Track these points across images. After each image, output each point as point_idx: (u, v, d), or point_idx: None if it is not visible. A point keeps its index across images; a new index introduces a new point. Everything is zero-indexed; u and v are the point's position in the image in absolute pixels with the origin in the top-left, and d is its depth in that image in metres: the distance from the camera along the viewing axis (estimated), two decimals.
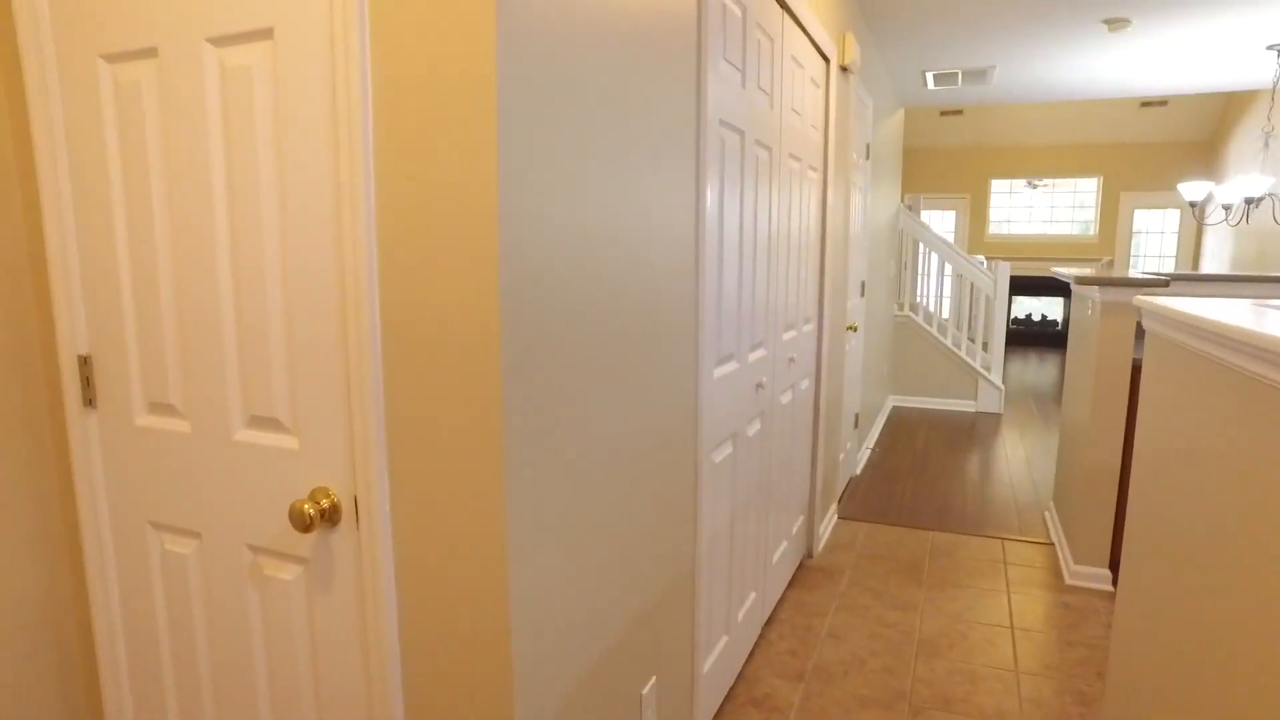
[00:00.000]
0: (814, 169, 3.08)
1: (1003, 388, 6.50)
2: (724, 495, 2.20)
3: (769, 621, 2.92)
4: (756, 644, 2.76)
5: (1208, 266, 9.78)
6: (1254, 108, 8.53)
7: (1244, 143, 8.82)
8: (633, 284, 1.52)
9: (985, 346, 6.65)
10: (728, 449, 2.20)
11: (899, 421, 6.20)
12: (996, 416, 6.41)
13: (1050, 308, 11.25)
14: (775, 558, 2.90)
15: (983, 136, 10.70)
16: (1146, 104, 9.68)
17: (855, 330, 3.88)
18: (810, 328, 3.17)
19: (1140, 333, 3.12)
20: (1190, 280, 3.49)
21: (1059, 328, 11.08)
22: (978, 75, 5.41)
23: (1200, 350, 1.44)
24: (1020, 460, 5.14)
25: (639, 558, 1.65)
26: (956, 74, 5.42)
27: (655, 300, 1.64)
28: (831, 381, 3.69)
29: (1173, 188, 10.28)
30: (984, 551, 3.61)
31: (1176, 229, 10.44)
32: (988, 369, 6.54)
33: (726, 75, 1.99)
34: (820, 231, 3.26)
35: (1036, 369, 9.12)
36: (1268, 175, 4.40)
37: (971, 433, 5.88)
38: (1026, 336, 11.18)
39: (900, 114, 6.69)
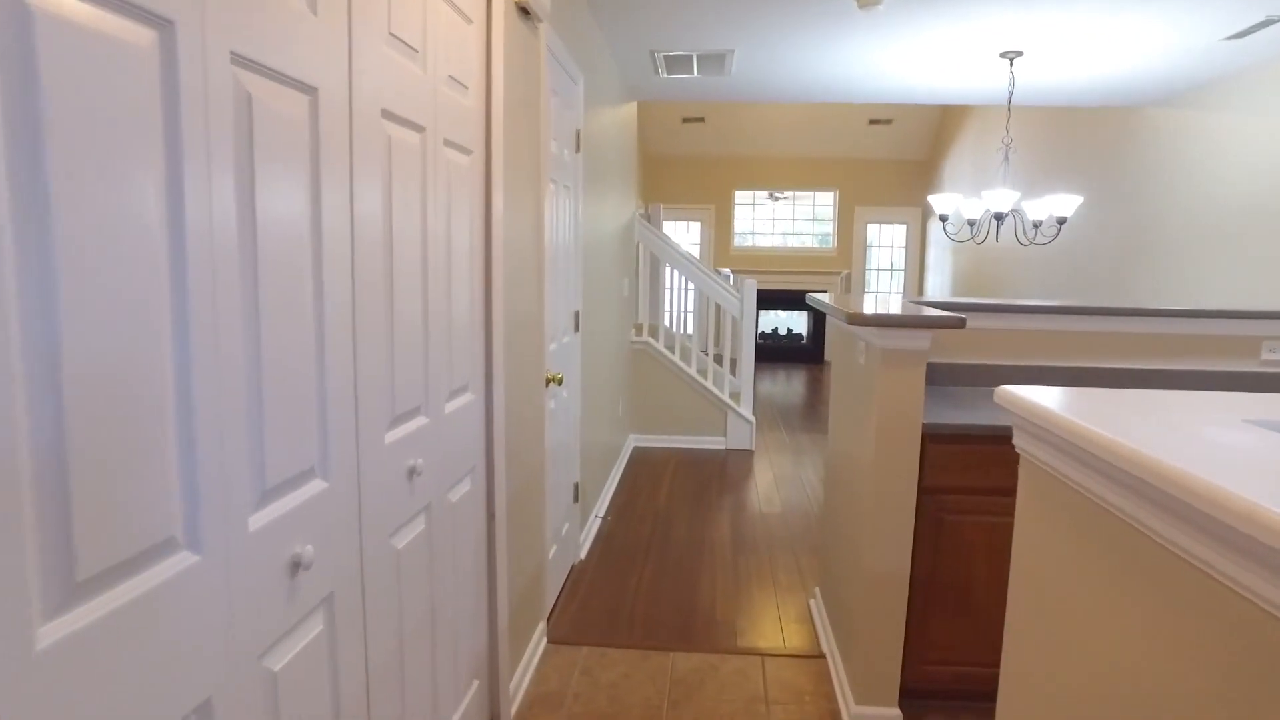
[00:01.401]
0: (464, 151, 1.90)
1: (754, 420, 5.80)
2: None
3: None
4: None
5: (932, 281, 10.07)
6: (964, 128, 8.77)
7: (956, 161, 9.07)
8: None
9: (734, 368, 5.94)
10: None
11: (641, 468, 5.26)
12: (748, 455, 5.69)
13: (796, 322, 11.15)
14: None
15: (726, 146, 10.31)
16: (874, 121, 9.76)
17: (560, 383, 2.78)
18: (466, 402, 1.97)
19: (938, 376, 2.34)
20: (987, 311, 2.77)
21: (804, 341, 10.99)
22: (715, 61, 4.59)
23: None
24: (776, 515, 4.36)
25: None
26: (691, 58, 4.56)
27: None
28: (520, 466, 2.53)
29: (900, 203, 10.53)
30: (740, 682, 2.64)
31: (904, 243, 10.72)
32: (737, 399, 5.82)
33: None
34: (485, 252, 2.08)
35: (785, 387, 8.76)
36: (1014, 190, 4.04)
37: (722, 478, 5.07)
38: (773, 352, 10.97)
39: (632, 109, 5.79)
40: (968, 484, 2.30)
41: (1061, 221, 4.19)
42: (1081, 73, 4.59)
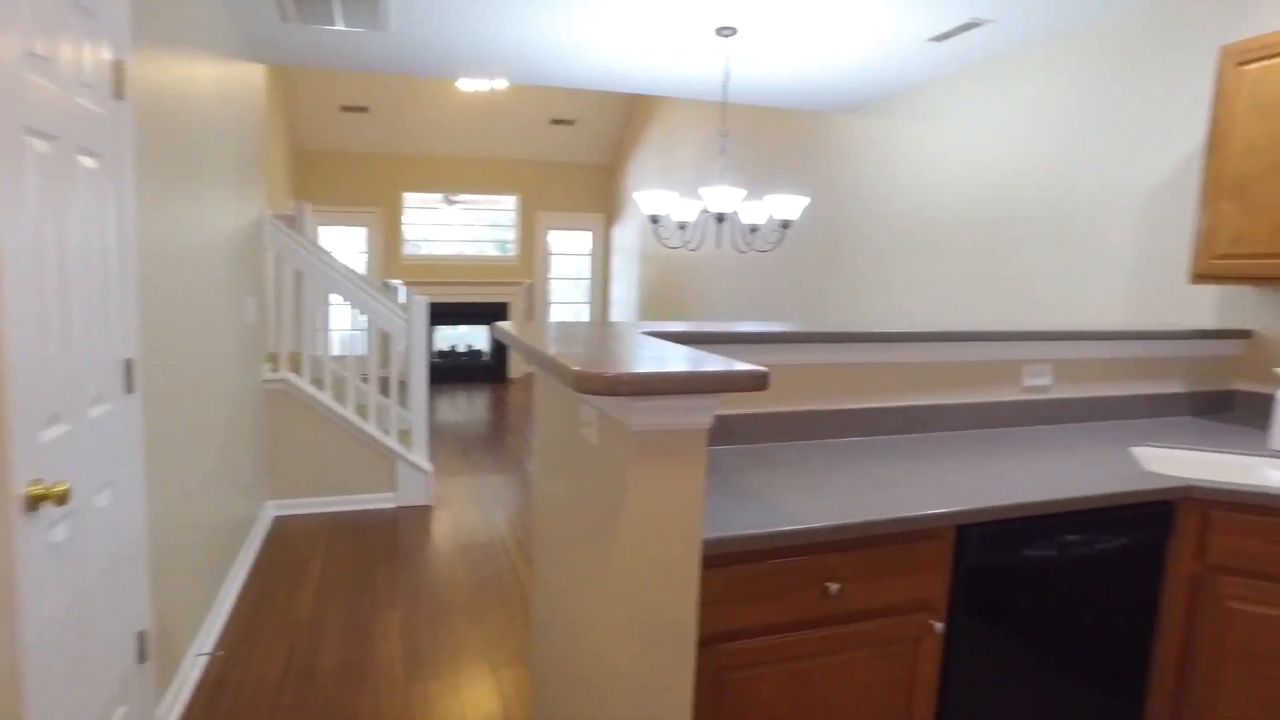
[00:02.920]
0: None
1: (430, 468, 4.70)
2: None
3: None
4: None
5: (618, 292, 9.72)
6: (650, 129, 8.51)
7: (641, 164, 8.78)
8: None
9: (404, 397, 4.79)
10: None
11: (280, 550, 3.90)
12: (425, 512, 4.58)
13: (477, 337, 10.15)
14: None
15: (394, 141, 9.00)
16: (557, 121, 9.14)
17: (62, 500, 1.50)
18: None
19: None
20: (752, 342, 2.02)
21: (486, 359, 10.03)
22: (366, 4, 3.44)
23: None
24: (465, 604, 3.33)
25: None
26: None
27: None
28: None
29: (583, 209, 10.06)
30: None
31: (589, 251, 10.27)
32: (408, 441, 4.68)
33: None
34: None
35: (467, 413, 7.72)
36: (736, 188, 3.53)
37: (393, 552, 3.91)
38: (453, 372, 9.85)
39: (258, 76, 4.38)
40: (766, 620, 1.52)
41: (785, 225, 3.73)
42: (793, 63, 4.23)
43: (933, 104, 4.33)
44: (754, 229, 4.06)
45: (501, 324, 1.97)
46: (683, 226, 4.01)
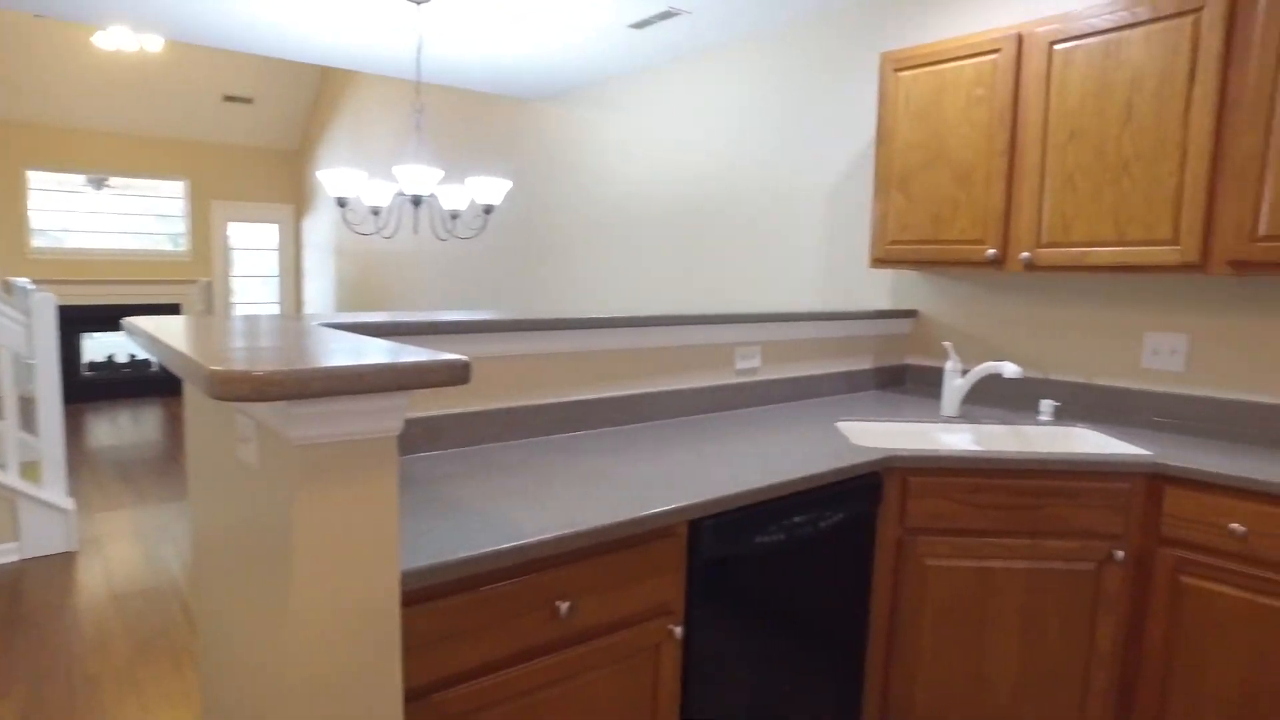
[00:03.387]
0: None
1: (72, 505, 3.80)
2: None
3: None
4: None
5: (312, 288, 8.83)
6: (338, 115, 7.79)
7: (335, 151, 8.04)
8: None
9: (29, 420, 3.81)
10: None
11: None
12: (67, 561, 3.67)
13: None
14: None
15: (9, 106, 7.28)
16: (231, 98, 8.03)
17: None
18: None
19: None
20: (437, 333, 1.75)
21: (154, 368, 8.56)
22: None
23: None
24: (116, 673, 2.67)
25: None
26: None
27: None
28: None
29: (269, 199, 8.98)
30: None
31: (277, 246, 9.20)
32: (37, 479, 3.73)
33: None
34: None
35: (132, 434, 6.49)
36: (434, 168, 3.19)
37: (10, 620, 3.05)
38: (110, 386, 8.27)
39: None
40: (489, 656, 1.28)
41: (488, 211, 3.49)
42: (490, 42, 3.98)
43: (639, 94, 4.36)
44: (455, 215, 3.78)
45: (133, 319, 1.52)
46: (376, 212, 3.61)
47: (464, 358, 1.04)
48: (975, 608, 2.02)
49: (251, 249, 9.06)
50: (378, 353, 1.05)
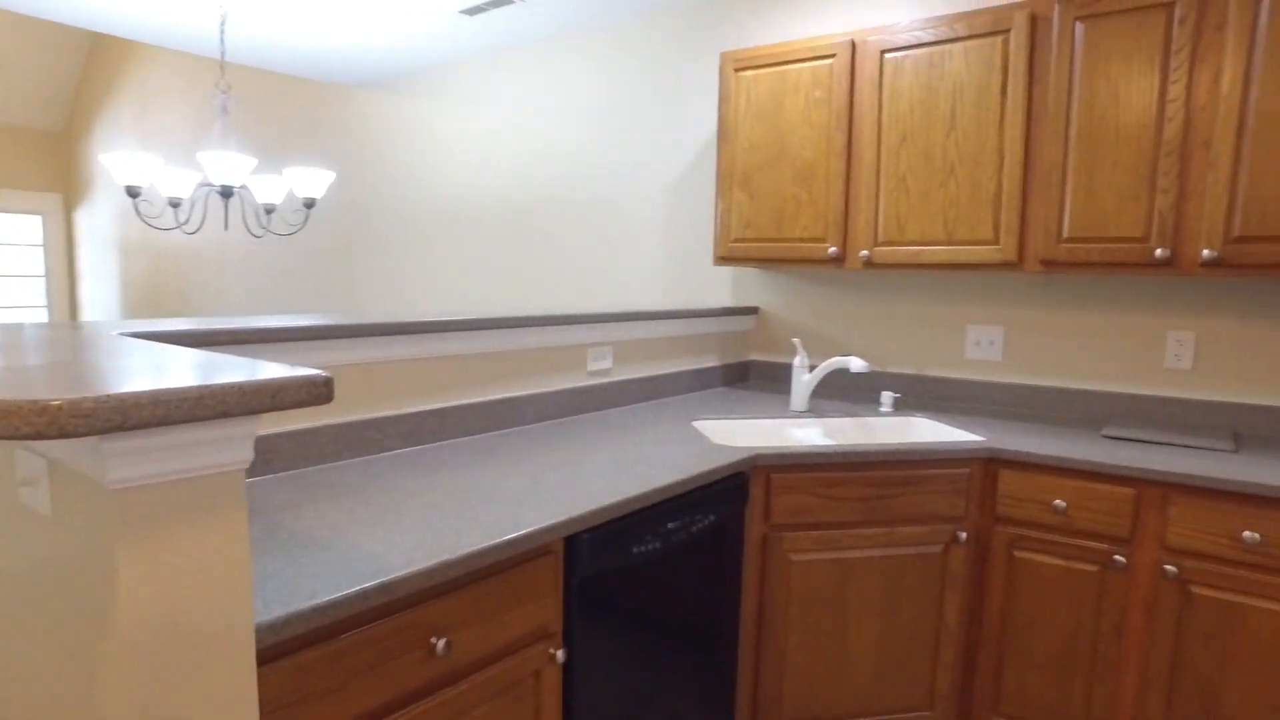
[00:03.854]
0: None
1: None
2: None
3: None
4: None
5: (91, 290, 7.77)
6: (119, 91, 6.90)
7: (111, 132, 7.12)
8: None
9: None
10: None
11: None
12: None
13: None
14: None
15: None
16: None
17: None
18: None
19: None
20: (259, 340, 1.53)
21: None
22: None
23: None
24: None
25: None
26: None
27: None
28: None
29: (28, 186, 7.79)
30: None
31: (42, 241, 8.01)
32: None
33: None
34: None
35: None
36: (245, 155, 2.81)
37: None
38: None
39: None
40: (359, 709, 1.11)
41: (309, 205, 3.17)
42: (308, 20, 3.64)
43: (474, 84, 4.17)
44: (270, 209, 3.43)
45: None
46: (176, 204, 3.19)
47: (325, 373, 0.89)
48: (837, 597, 2.07)
49: (7, 244, 7.82)
50: (224, 370, 0.87)
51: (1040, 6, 2.21)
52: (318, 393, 0.88)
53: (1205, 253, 2.02)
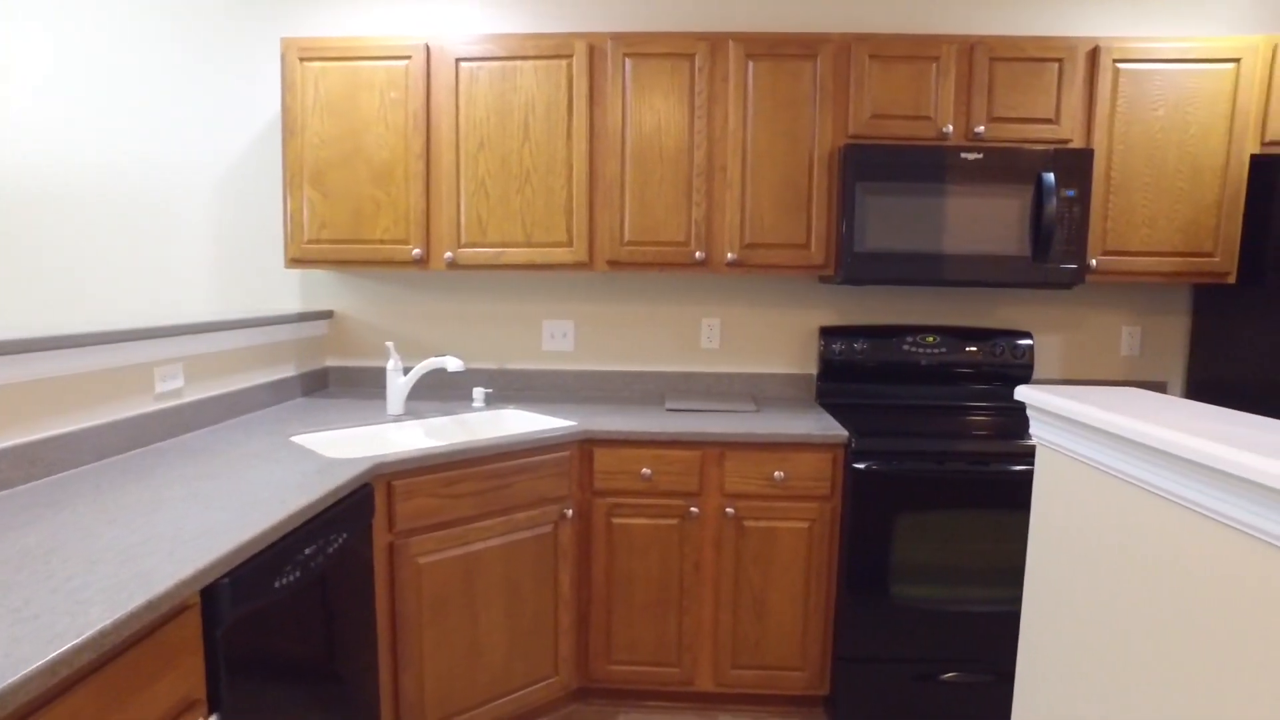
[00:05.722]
0: None
1: None
2: None
3: None
4: None
5: None
6: None
7: None
8: None
9: None
10: None
11: None
12: None
13: None
14: None
15: None
16: None
17: None
18: None
19: None
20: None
21: None
22: None
23: None
24: None
25: None
26: None
27: None
28: None
29: None
30: None
31: None
32: None
33: None
34: None
35: None
36: None
37: None
38: None
39: None
40: None
41: None
42: None
43: None
44: None
45: None
46: None
47: None
48: (465, 591, 2.11)
49: None
50: None
51: (597, 40, 2.52)
52: None
53: (729, 255, 2.54)
